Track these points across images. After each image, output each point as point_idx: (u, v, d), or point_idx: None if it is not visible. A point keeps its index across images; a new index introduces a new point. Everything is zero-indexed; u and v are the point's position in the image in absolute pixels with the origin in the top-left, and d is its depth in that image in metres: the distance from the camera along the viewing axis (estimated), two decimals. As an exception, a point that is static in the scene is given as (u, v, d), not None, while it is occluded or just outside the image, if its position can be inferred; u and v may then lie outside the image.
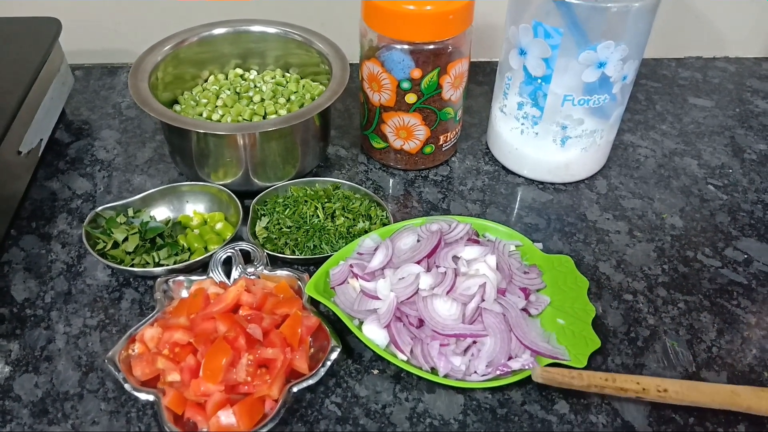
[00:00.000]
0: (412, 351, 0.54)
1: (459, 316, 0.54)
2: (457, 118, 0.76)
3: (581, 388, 0.52)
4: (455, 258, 0.59)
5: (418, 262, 0.58)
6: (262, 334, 0.54)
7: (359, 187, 0.72)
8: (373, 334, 0.55)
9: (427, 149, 0.76)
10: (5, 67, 0.67)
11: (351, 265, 0.59)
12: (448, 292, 0.55)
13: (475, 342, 0.54)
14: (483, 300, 0.55)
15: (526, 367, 0.53)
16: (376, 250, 0.61)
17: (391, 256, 0.59)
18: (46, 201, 0.74)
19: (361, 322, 0.57)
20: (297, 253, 0.65)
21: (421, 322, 0.55)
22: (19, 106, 0.69)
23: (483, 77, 0.96)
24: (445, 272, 0.56)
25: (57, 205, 0.73)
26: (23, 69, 0.72)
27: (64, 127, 0.85)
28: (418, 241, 0.61)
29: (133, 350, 0.55)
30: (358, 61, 0.74)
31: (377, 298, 0.56)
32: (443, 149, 0.77)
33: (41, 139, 0.75)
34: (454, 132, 0.77)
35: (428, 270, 0.57)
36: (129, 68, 0.94)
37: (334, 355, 0.54)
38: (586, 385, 0.51)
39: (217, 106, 0.76)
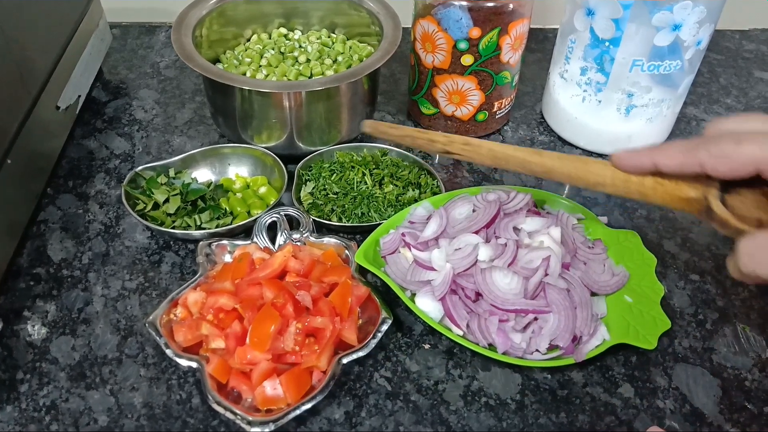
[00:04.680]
0: (468, 326, 0.51)
1: (520, 291, 0.50)
2: (514, 84, 0.72)
3: (397, 140, 0.55)
4: (516, 229, 0.55)
5: (476, 233, 0.54)
6: (311, 302, 0.51)
7: (408, 153, 0.68)
8: (427, 307, 0.52)
9: (480, 116, 0.72)
10: (44, 21, 0.64)
11: (403, 234, 0.56)
12: (509, 265, 0.51)
13: (536, 319, 0.50)
14: (546, 274, 0.51)
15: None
16: (428, 219, 0.58)
17: (445, 225, 0.56)
18: (84, 160, 0.71)
19: (414, 294, 0.54)
20: (344, 220, 0.62)
21: (477, 296, 0.52)
22: (58, 60, 0.67)
23: (536, 44, 0.91)
24: (506, 244, 0.53)
25: (94, 164, 0.71)
26: (61, 23, 0.69)
27: (101, 85, 0.82)
28: (474, 210, 0.57)
29: (175, 315, 0.53)
30: (410, 23, 0.71)
31: (431, 269, 0.53)
32: (497, 117, 0.73)
33: (79, 96, 0.72)
34: (509, 99, 0.73)
35: (487, 241, 0.54)
36: (167, 28, 0.92)
37: (384, 327, 0.51)
38: (402, 135, 0.54)
39: (261, 66, 0.72)
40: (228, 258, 0.59)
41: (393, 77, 0.84)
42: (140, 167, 0.65)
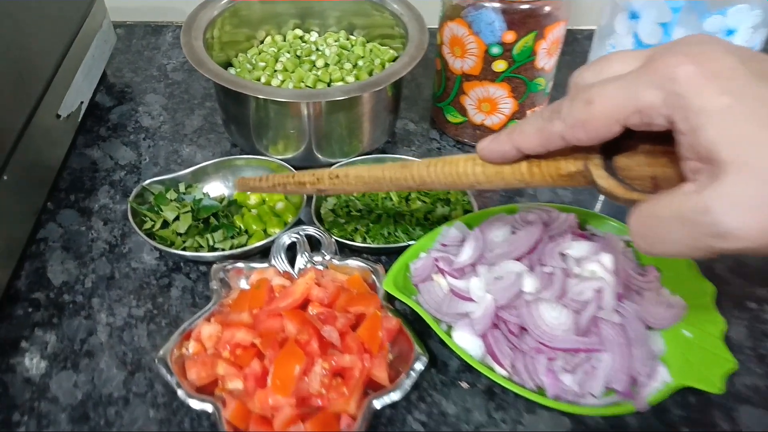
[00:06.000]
0: (512, 365, 0.46)
1: (571, 327, 0.45)
2: (547, 91, 0.67)
3: (268, 191, 0.55)
4: (561, 255, 0.50)
5: (518, 259, 0.49)
6: (339, 338, 0.46)
7: (436, 166, 0.63)
8: (466, 343, 0.47)
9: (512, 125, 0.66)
10: (44, 21, 0.60)
11: (436, 259, 0.51)
12: (557, 297, 0.47)
13: (588, 358, 0.46)
14: (600, 308, 0.46)
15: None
16: (463, 241, 0.53)
17: (482, 249, 0.51)
18: (87, 171, 0.66)
19: (450, 327, 0.49)
20: (369, 240, 0.57)
21: (522, 330, 0.47)
22: (59, 64, 0.62)
23: (566, 46, 0.85)
24: (553, 273, 0.48)
25: (98, 176, 0.66)
26: (63, 23, 0.64)
27: (105, 90, 0.77)
28: (513, 232, 0.52)
29: (188, 349, 0.48)
30: (435, 24, 0.66)
31: (470, 300, 0.48)
32: (529, 126, 0.68)
33: (81, 102, 0.67)
34: (542, 105, 0.68)
35: (531, 269, 0.49)
36: (174, 27, 0.87)
37: (420, 366, 0.46)
38: (271, 186, 0.52)
39: (276, 71, 0.67)
40: (244, 283, 0.54)
41: (414, 81, 0.79)
42: (147, 181, 0.60)
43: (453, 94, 0.66)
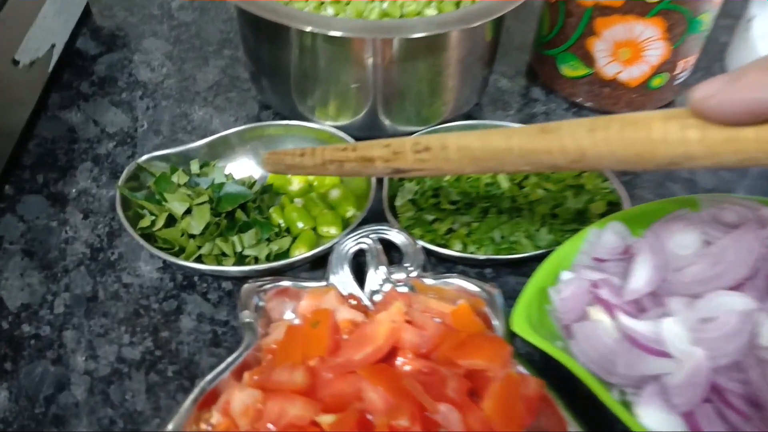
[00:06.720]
0: (741, 464, 0.28)
1: (842, 405, 0.27)
2: (707, 34, 0.48)
3: (315, 171, 0.37)
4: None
5: (735, 288, 0.31)
6: (460, 421, 0.28)
7: (553, 137, 0.45)
8: (659, 423, 0.29)
9: (656, 81, 0.48)
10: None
11: (595, 284, 0.33)
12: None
13: None
14: None
15: None
16: (626, 254, 0.35)
17: (665, 269, 0.33)
18: (61, 141, 0.48)
19: (623, 393, 0.31)
20: (471, 247, 0.39)
21: (751, 406, 0.29)
22: (17, -13, 0.43)
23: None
24: (803, 314, 0.29)
25: (77, 148, 0.48)
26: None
27: (89, 33, 0.59)
28: (708, 242, 0.34)
29: (209, 423, 0.30)
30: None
31: (663, 354, 0.30)
32: (675, 82, 0.49)
33: (53, 45, 0.49)
34: (695, 56, 0.49)
35: (762, 303, 0.31)
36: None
37: (587, 465, 0.28)
38: (320, 164, 0.36)
39: (323, 2, 0.48)
40: (290, 313, 0.36)
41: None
42: (145, 157, 0.42)
43: (576, 35, 0.47)
